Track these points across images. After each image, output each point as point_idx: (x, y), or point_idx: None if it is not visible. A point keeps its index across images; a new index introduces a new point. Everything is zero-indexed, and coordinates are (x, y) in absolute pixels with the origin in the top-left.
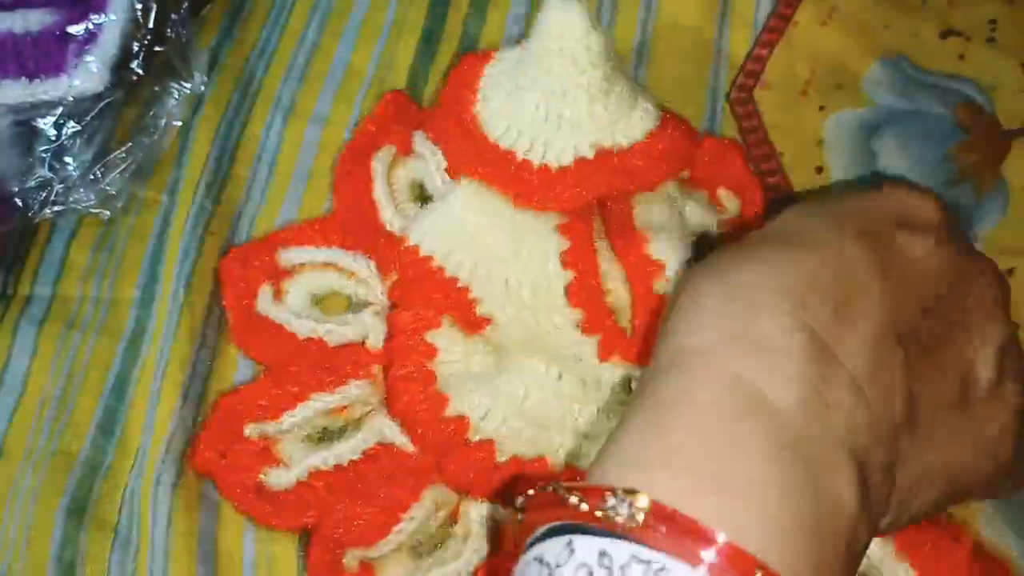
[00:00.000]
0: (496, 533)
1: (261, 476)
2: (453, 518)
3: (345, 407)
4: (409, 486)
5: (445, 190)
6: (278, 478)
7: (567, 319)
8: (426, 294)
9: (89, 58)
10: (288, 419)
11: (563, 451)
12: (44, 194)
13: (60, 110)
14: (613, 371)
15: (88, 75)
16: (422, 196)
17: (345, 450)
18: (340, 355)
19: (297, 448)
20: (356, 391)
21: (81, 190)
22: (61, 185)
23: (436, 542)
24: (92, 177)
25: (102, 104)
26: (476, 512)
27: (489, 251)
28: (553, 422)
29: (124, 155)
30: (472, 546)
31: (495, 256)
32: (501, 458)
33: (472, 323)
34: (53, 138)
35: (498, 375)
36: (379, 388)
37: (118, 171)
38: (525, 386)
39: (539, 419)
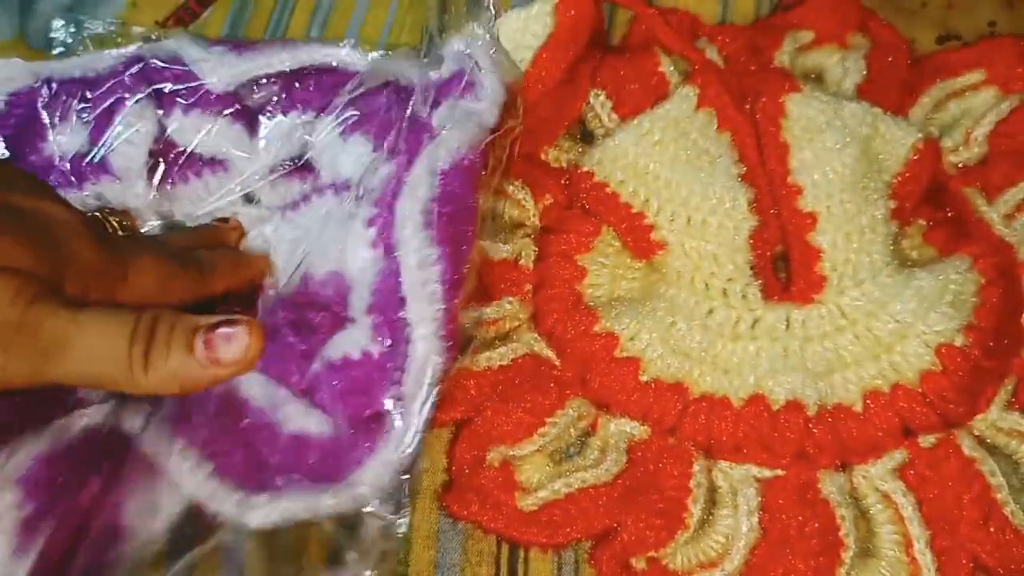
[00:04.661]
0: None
1: None
2: (591, 431)
3: (497, 321)
4: (554, 394)
5: (614, 127)
6: None
7: (746, 259)
8: (602, 216)
9: None
10: None
11: (703, 381)
12: None
13: None
14: (776, 311)
15: None
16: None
17: (496, 356)
18: (494, 272)
19: None
20: (508, 306)
21: None
22: None
23: (573, 451)
24: None
25: None
26: (615, 427)
27: (668, 187)
28: (695, 352)
29: None
30: (610, 457)
31: (676, 193)
32: (643, 377)
33: (643, 248)
34: None
35: (646, 302)
36: (528, 305)
37: None
38: (673, 315)
39: (683, 348)
